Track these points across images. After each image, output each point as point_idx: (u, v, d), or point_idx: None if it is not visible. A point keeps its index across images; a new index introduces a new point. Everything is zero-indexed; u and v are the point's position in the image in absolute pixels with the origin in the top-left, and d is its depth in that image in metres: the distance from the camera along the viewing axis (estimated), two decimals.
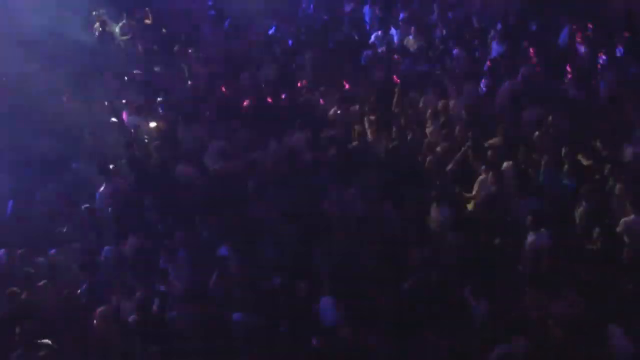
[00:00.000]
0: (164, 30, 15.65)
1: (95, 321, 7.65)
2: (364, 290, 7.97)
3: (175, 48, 14.22)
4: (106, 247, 9.05)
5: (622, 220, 8.21)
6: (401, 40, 14.38)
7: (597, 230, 8.12)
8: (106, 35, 14.73)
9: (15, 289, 8.21)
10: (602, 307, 7.31)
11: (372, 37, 14.62)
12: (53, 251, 9.12)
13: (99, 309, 7.70)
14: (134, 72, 13.60)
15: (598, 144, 9.77)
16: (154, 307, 7.84)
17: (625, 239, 8.11)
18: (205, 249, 9.03)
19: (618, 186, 8.75)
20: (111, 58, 14.06)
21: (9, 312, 8.01)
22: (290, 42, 15.08)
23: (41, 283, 8.48)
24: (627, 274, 7.61)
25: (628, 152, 9.57)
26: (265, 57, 13.97)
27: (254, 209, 9.46)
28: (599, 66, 12.19)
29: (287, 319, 7.55)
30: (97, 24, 14.83)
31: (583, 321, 7.13)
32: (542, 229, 8.27)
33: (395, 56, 13.55)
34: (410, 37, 14.31)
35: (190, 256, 8.80)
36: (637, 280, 7.41)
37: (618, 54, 12.29)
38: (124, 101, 12.39)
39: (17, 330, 7.48)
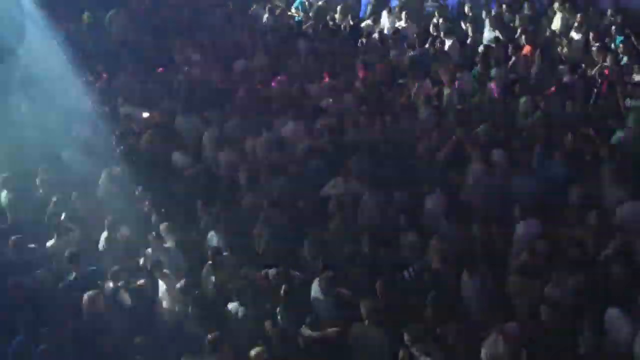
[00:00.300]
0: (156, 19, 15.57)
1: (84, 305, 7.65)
2: (357, 279, 7.99)
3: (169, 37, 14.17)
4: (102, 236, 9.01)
5: (619, 205, 8.24)
6: (393, 27, 14.35)
7: (592, 213, 8.15)
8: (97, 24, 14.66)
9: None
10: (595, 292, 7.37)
11: (365, 23, 14.62)
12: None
13: (87, 293, 7.69)
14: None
15: (591, 130, 9.79)
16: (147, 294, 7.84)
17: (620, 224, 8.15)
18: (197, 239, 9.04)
19: (606, 169, 8.81)
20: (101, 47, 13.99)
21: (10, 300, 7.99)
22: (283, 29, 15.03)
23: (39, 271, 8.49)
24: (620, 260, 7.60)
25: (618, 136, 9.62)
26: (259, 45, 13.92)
27: (246, 198, 9.44)
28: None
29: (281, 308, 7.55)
30: (86, 15, 14.76)
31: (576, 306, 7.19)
32: (532, 218, 8.31)
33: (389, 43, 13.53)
34: (403, 23, 14.32)
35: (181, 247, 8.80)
36: (629, 266, 7.42)
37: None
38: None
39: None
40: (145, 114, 11.74)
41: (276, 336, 7.18)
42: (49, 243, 9.00)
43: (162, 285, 8.03)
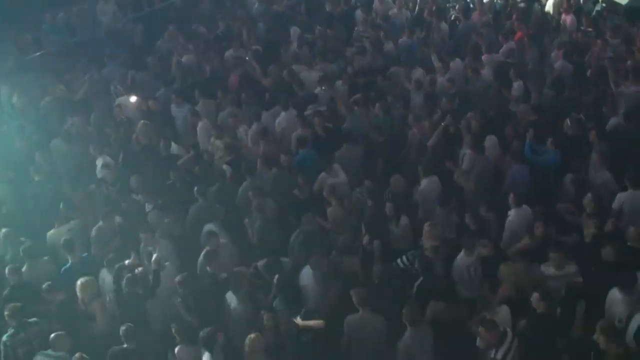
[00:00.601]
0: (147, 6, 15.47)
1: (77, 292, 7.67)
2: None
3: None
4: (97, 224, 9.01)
5: (618, 195, 8.33)
6: (385, 13, 14.31)
7: (588, 197, 8.21)
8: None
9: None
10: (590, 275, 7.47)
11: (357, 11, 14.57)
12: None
13: (80, 279, 7.70)
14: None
15: (582, 116, 9.83)
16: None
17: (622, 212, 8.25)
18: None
19: (594, 155, 8.85)
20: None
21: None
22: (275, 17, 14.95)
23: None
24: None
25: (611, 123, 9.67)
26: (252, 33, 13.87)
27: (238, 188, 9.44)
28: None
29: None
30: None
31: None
32: (524, 205, 8.38)
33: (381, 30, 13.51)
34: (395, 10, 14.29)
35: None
36: (620, 249, 7.51)
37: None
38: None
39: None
40: (133, 99, 11.66)
41: (272, 326, 7.19)
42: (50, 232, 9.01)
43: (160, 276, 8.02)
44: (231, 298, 7.63)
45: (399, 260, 7.94)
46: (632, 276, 7.02)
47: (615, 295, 7.02)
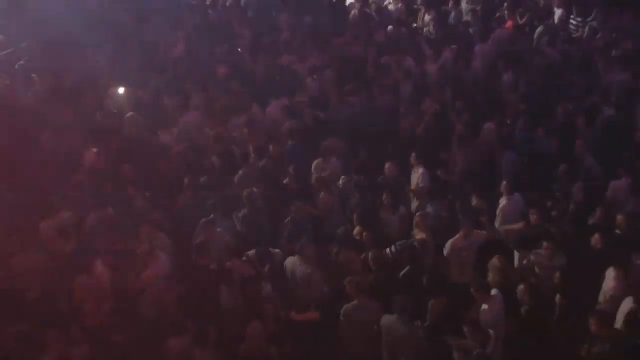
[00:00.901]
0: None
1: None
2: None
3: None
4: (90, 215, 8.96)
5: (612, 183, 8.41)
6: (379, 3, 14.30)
7: (577, 186, 8.25)
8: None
9: None
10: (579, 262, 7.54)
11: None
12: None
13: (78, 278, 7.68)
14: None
15: (569, 105, 9.88)
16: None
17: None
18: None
19: (578, 142, 8.89)
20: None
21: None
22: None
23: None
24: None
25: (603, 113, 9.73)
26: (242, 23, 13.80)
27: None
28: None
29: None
30: None
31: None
32: (516, 193, 8.44)
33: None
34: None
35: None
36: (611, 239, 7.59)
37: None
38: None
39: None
40: (122, 90, 11.58)
41: (272, 315, 7.20)
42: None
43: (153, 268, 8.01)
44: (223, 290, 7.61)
45: (387, 250, 7.99)
46: (627, 256, 7.16)
47: (610, 274, 7.16)
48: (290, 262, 7.77)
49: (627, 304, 6.81)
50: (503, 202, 8.50)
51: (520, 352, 6.83)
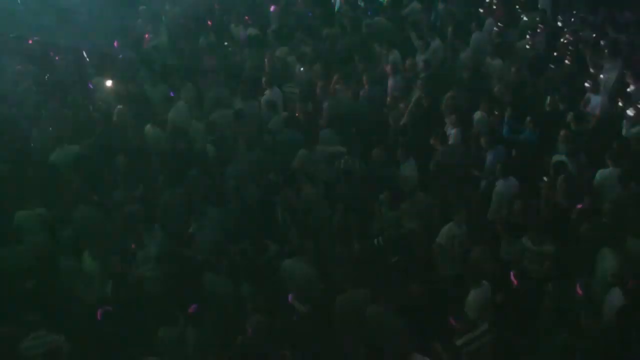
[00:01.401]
0: None
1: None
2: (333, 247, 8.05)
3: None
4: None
5: (599, 171, 8.47)
6: None
7: (561, 177, 8.31)
8: None
9: None
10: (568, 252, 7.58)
11: None
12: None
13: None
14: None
15: (556, 96, 9.93)
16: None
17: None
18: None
19: (562, 133, 8.96)
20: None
21: None
22: None
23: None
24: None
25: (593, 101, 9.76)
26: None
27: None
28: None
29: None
30: None
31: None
32: (511, 176, 8.49)
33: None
34: None
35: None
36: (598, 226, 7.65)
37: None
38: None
39: None
40: (109, 83, 11.51)
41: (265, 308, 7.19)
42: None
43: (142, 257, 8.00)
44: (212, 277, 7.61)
45: (375, 241, 8.02)
46: (621, 236, 7.24)
47: (605, 252, 7.24)
48: (289, 262, 7.74)
49: (613, 296, 6.85)
50: (498, 184, 8.54)
51: (507, 341, 6.87)
